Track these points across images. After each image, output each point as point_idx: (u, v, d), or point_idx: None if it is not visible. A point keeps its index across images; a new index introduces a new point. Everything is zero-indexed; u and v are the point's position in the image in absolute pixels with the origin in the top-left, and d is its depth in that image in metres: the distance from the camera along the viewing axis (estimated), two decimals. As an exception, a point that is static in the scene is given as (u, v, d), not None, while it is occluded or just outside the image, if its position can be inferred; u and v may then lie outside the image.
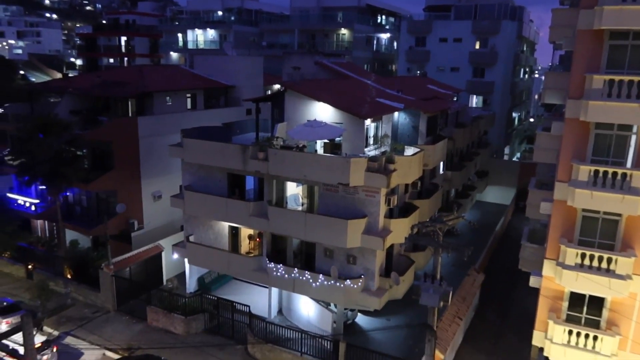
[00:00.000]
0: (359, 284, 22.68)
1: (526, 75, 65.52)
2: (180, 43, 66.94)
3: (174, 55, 67.74)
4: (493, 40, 51.68)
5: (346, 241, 21.90)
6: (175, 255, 28.35)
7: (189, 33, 66.09)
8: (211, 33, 64.79)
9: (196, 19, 66.76)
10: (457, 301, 24.30)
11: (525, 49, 61.35)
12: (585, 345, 18.80)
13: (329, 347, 22.33)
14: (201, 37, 65.59)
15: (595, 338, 18.67)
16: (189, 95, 35.21)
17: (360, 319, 25.96)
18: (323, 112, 24.21)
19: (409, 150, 24.78)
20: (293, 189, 25.36)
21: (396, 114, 27.69)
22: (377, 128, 25.54)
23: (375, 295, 22.70)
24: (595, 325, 19.27)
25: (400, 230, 22.74)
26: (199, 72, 38.42)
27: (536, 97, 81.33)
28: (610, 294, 18.26)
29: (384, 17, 66.34)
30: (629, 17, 16.50)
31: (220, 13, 66.34)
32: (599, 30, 17.42)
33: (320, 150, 24.60)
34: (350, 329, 24.95)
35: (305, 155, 22.87)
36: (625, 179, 17.30)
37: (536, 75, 71.11)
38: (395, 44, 64.42)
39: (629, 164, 17.89)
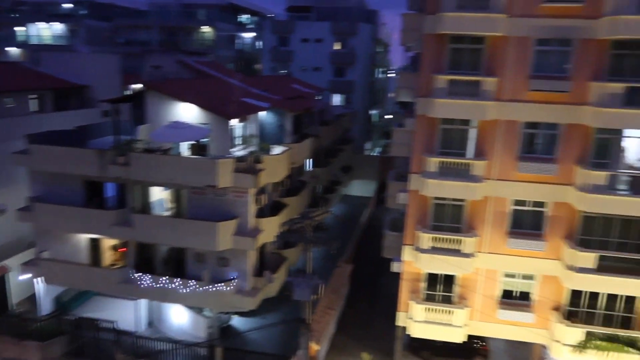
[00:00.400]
0: (233, 286, 22.48)
1: (382, 75, 70.02)
2: (21, 38, 60.01)
3: (13, 51, 60.53)
4: (351, 41, 54.37)
5: (217, 244, 21.57)
6: (25, 276, 25.46)
7: (32, 27, 59.55)
8: (59, 27, 59.08)
9: (40, 12, 60.31)
10: (329, 293, 25.28)
11: (380, 50, 65.52)
12: (441, 319, 20.78)
13: (204, 354, 21.83)
14: (46, 31, 59.48)
15: (449, 312, 20.73)
16: (34, 96, 31.77)
17: (236, 321, 25.77)
18: (188, 112, 23.49)
19: (276, 149, 25.13)
20: (159, 194, 24.27)
21: (262, 113, 27.88)
22: (243, 128, 25.46)
23: (249, 295, 22.69)
24: (449, 300, 21.41)
25: (271, 228, 22.98)
26: (46, 70, 34.82)
27: (392, 95, 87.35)
28: (460, 272, 20.42)
29: (247, 16, 66.20)
30: (464, 23, 18.52)
31: (68, 6, 60.77)
32: (442, 35, 19.28)
33: (186, 153, 23.86)
34: (226, 332, 24.64)
35: (170, 158, 22.04)
36: (467, 168, 19.43)
37: (391, 75, 76.31)
38: (259, 43, 64.67)
39: (469, 155, 20.13)
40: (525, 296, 21.02)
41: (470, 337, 21.76)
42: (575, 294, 20.30)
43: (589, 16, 18.08)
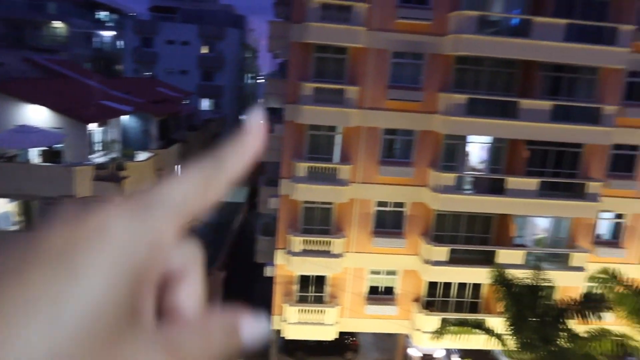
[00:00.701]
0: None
1: (252, 81, 70.19)
2: None
3: None
4: (219, 45, 53.68)
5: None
6: None
7: None
8: None
9: None
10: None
11: (249, 55, 65.61)
12: (314, 319, 21.42)
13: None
14: None
15: (321, 312, 21.45)
16: None
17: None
18: (38, 115, 21.29)
19: (141, 155, 23.88)
20: (3, 206, 21.62)
21: (125, 117, 26.30)
22: (104, 133, 23.79)
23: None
24: (320, 300, 22.15)
25: (137, 239, 21.76)
26: None
27: (261, 101, 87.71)
28: (330, 272, 21.25)
29: (105, 13, 61.87)
30: (328, 33, 19.35)
31: None
32: (307, 43, 19.92)
33: (37, 160, 21.60)
34: None
35: (16, 166, 19.81)
36: (334, 172, 20.32)
37: (261, 81, 76.84)
38: (120, 43, 60.83)
39: (336, 159, 21.08)
40: (389, 291, 22.53)
41: (341, 334, 22.70)
42: (432, 285, 22.27)
43: (436, 33, 20.04)
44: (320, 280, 22.11)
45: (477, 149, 22.06)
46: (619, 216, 23.00)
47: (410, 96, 20.42)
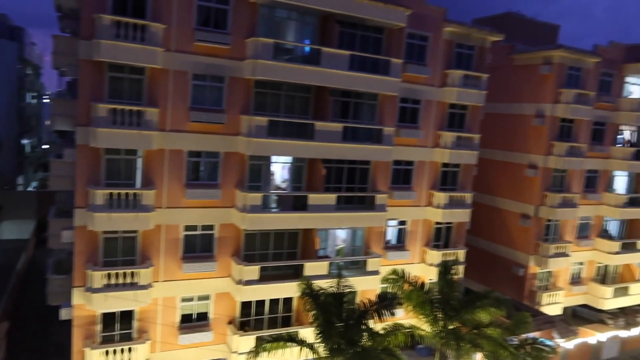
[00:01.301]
0: None
1: (34, 100, 62.22)
2: None
3: None
4: (-9, 60, 46.55)
5: None
6: None
7: None
8: None
9: None
10: (-23, 362, 20.71)
11: (30, 72, 58.18)
12: (122, 359, 19.72)
13: None
14: None
15: (129, 350, 19.82)
16: None
17: None
18: None
19: None
20: None
21: None
22: None
23: None
24: (129, 337, 20.49)
25: None
26: None
27: (48, 123, 78.19)
28: (137, 305, 19.84)
29: None
30: (121, 52, 18.24)
31: None
32: (99, 61, 18.49)
33: None
34: None
35: None
36: (136, 198, 19.15)
37: (47, 100, 68.37)
38: None
39: (138, 185, 19.92)
40: (203, 317, 21.94)
41: (153, 370, 21.32)
42: (245, 305, 22.41)
43: (235, 57, 20.57)
44: (127, 316, 20.44)
45: (280, 168, 23.11)
46: (402, 223, 26.41)
47: (213, 118, 20.44)
